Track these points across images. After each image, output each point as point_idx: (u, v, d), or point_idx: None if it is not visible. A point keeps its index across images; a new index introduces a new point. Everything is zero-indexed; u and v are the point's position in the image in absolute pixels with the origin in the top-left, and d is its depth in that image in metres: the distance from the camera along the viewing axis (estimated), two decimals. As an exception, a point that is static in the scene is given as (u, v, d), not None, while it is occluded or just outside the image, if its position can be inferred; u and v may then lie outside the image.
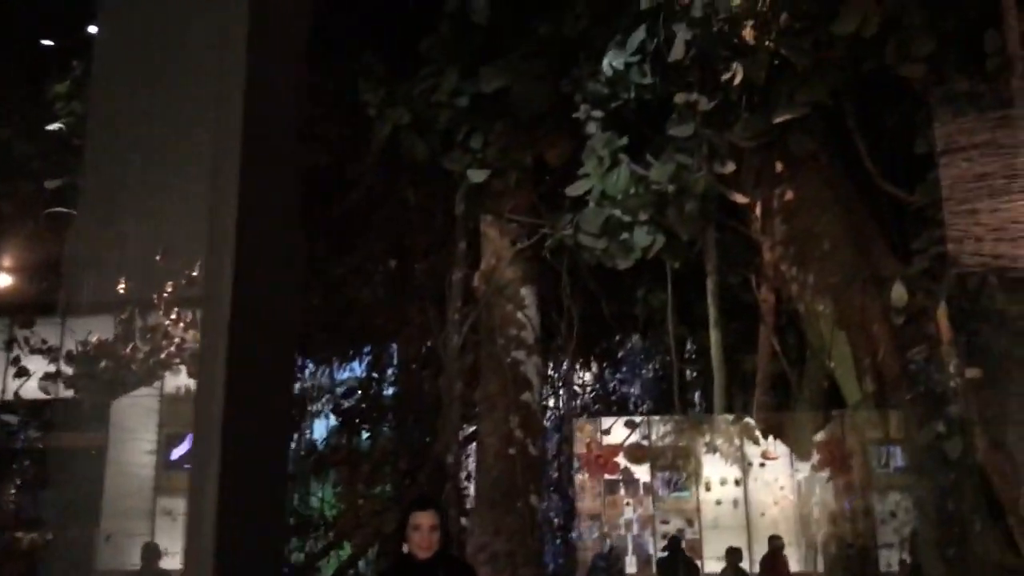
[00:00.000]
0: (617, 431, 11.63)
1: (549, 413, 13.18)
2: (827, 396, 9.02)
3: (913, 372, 6.58)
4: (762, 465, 11.72)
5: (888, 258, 7.57)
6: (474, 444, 9.50)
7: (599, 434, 12.35)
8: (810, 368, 8.97)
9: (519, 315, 8.41)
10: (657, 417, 12.20)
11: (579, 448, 12.16)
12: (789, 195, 9.01)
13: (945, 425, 6.05)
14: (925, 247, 5.76)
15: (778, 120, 6.95)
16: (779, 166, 8.75)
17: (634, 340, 13.59)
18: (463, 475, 10.65)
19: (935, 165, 5.94)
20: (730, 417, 10.68)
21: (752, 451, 11.59)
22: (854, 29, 6.33)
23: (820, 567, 11.49)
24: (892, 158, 8.00)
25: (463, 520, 8.47)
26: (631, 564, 12.14)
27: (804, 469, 11.98)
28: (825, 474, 12.01)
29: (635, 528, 12.36)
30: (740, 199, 7.53)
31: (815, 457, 11.78)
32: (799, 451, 10.69)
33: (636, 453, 12.12)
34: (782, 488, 12.21)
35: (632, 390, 14.64)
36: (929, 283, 5.99)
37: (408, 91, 9.09)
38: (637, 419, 12.68)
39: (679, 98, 7.53)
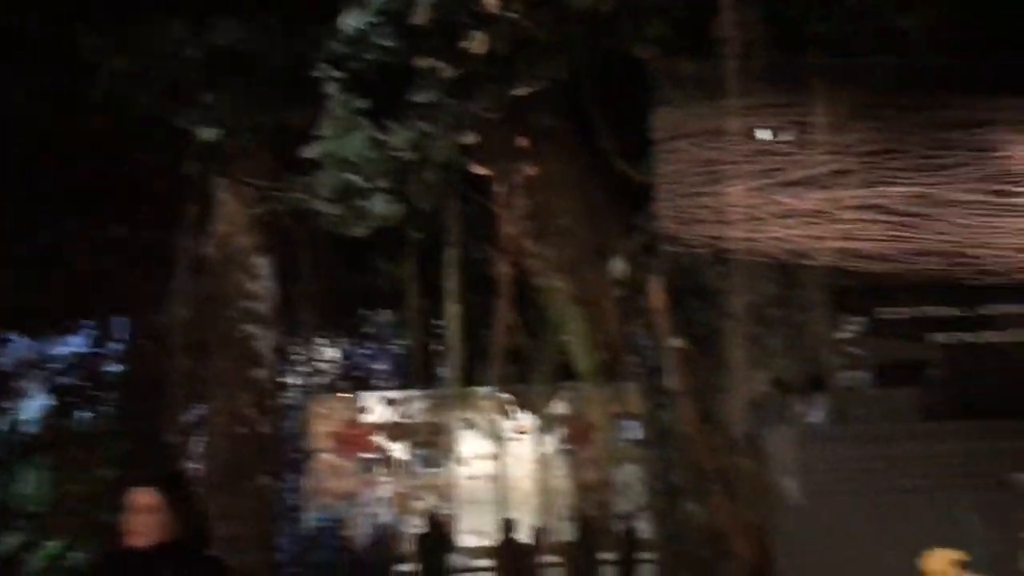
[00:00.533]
0: (376, 409, 11.39)
1: (293, 390, 12.65)
2: (564, 370, 9.27)
3: (636, 346, 6.81)
4: (516, 440, 11.93)
5: (621, 235, 7.79)
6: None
7: (355, 412, 12.06)
8: (547, 343, 9.19)
9: (253, 286, 7.88)
10: (416, 393, 12.01)
11: (329, 427, 11.83)
12: (531, 170, 9.14)
13: (659, 397, 6.30)
14: (645, 223, 5.93)
15: (517, 93, 6.90)
16: (524, 141, 8.83)
17: (383, 314, 13.38)
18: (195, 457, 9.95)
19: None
20: (486, 391, 10.70)
21: (507, 426, 11.72)
22: (591, 5, 6.37)
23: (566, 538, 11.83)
24: (632, 137, 8.25)
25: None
26: (381, 540, 11.97)
27: (551, 443, 12.34)
28: (570, 447, 12.41)
29: (385, 506, 12.20)
30: (481, 171, 7.45)
31: (563, 431, 12.12)
32: (542, 424, 10.93)
33: (394, 431, 11.93)
34: (533, 462, 12.50)
35: (381, 366, 14.41)
36: (648, 258, 6.19)
37: (134, 37, 8.27)
38: (395, 396, 12.46)
39: (422, 63, 7.30)
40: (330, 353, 13.65)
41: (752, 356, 6.03)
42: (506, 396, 9.86)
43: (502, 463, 12.21)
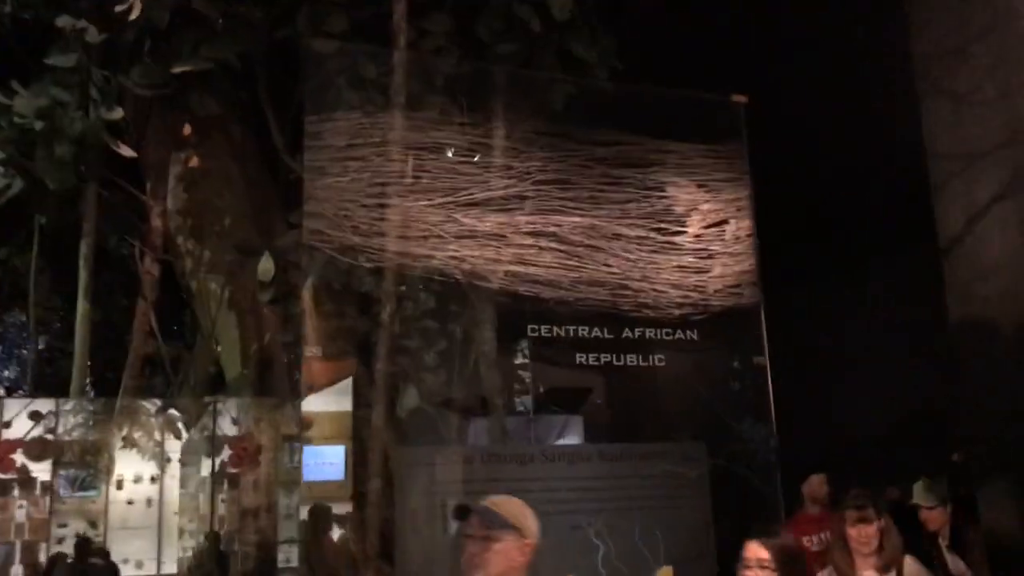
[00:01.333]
0: (19, 424, 9.41)
1: None
2: (214, 381, 8.43)
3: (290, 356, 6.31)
4: (182, 462, 10.53)
5: (277, 235, 7.23)
6: None
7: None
8: (199, 351, 8.28)
9: None
10: (68, 407, 10.34)
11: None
12: (195, 161, 8.24)
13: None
14: (299, 222, 5.44)
15: (177, 71, 6.13)
16: (187, 129, 7.96)
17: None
18: None
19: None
20: (152, 407, 9.37)
21: (173, 446, 10.26)
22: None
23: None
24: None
25: None
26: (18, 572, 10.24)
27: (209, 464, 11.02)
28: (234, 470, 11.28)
29: (25, 533, 10.43)
30: (127, 152, 6.54)
31: (225, 452, 10.95)
32: (198, 444, 9.86)
33: (37, 449, 10.09)
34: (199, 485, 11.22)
35: (10, 371, 12.38)
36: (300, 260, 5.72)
37: None
38: (43, 409, 10.43)
39: (63, 22, 6.29)
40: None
41: (404, 370, 5.77)
42: (175, 412, 8.72)
43: (164, 486, 10.93)
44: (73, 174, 6.24)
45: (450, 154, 4.94)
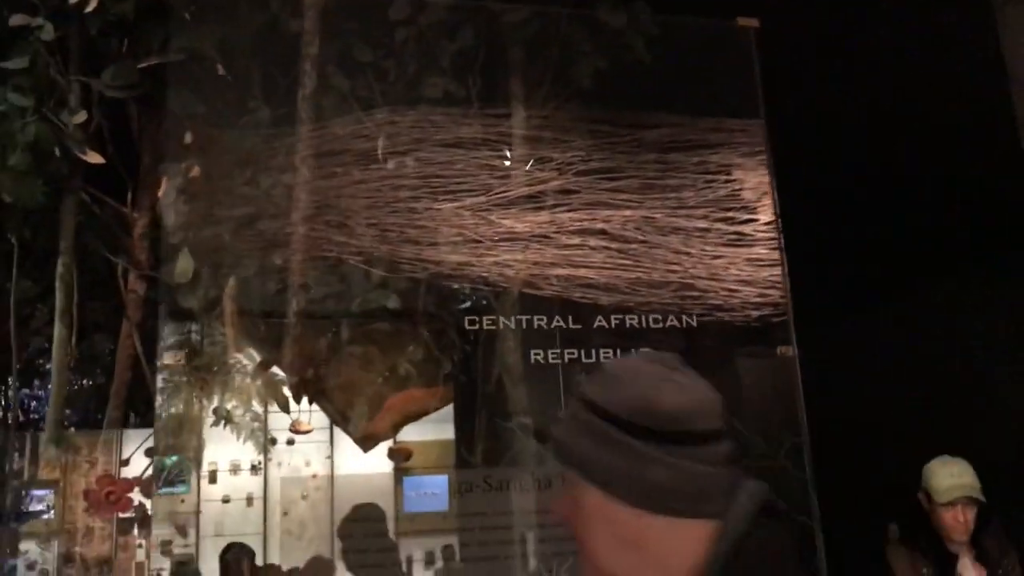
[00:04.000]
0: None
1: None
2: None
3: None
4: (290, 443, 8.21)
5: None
6: None
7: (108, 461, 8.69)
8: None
9: None
10: None
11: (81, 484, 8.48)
12: (196, 171, 7.50)
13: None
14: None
15: (144, 65, 5.42)
16: (189, 136, 7.24)
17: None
18: None
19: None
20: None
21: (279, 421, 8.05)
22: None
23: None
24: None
25: None
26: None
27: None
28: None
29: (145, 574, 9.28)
30: (94, 159, 5.80)
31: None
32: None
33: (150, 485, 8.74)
34: (315, 476, 8.89)
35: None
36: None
37: None
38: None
39: (16, 20, 5.57)
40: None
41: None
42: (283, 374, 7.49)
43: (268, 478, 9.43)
44: (37, 186, 5.51)
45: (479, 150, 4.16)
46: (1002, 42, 4.78)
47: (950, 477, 3.94)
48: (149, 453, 7.23)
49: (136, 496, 7.00)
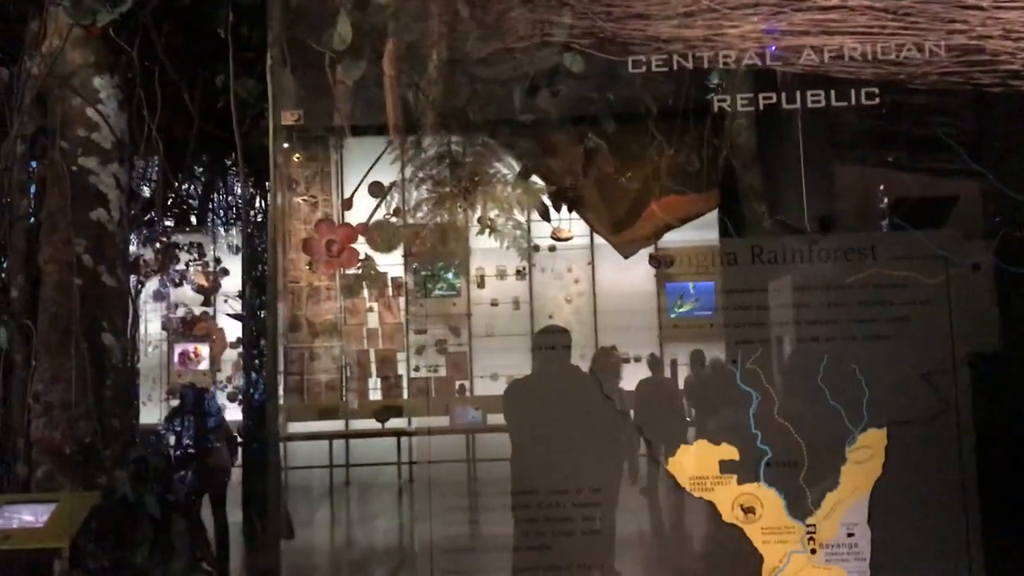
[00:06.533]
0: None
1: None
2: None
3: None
4: (552, 249, 7.83)
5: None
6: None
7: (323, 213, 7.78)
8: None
9: (90, 112, 6.32)
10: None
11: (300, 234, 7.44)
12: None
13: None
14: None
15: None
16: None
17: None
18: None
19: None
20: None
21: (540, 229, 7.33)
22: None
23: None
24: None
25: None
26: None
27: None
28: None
29: (379, 341, 8.57)
30: None
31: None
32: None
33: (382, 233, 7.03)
34: (577, 281, 9.11)
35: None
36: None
37: None
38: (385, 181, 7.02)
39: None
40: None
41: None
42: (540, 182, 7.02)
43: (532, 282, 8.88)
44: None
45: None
46: None
47: None
48: (374, 191, 6.40)
49: (362, 247, 5.82)
